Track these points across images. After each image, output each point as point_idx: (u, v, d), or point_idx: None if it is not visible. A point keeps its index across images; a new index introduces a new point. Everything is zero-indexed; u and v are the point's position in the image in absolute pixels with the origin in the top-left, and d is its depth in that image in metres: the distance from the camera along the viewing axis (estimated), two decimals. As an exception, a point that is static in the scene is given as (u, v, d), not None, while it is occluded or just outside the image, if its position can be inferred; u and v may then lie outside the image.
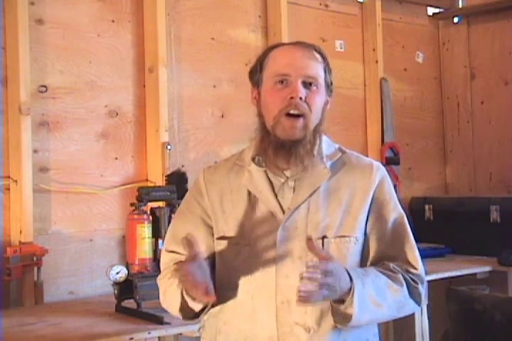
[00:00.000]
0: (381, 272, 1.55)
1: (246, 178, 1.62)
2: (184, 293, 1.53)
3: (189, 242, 1.45)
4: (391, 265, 1.58)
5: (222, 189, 1.65)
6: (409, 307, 1.60)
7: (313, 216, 1.56)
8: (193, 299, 1.52)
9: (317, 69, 1.59)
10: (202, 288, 1.44)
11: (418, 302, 1.60)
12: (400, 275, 1.56)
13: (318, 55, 1.61)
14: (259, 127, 1.62)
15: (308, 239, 1.42)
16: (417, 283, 1.59)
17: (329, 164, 1.61)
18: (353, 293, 1.45)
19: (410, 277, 1.58)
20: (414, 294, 1.58)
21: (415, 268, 1.60)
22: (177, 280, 1.52)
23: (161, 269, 1.71)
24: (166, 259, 1.69)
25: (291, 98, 1.54)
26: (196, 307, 1.56)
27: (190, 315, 1.60)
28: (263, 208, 1.58)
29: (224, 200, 1.63)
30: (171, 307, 1.63)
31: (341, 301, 1.47)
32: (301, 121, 1.55)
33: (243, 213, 1.60)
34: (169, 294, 1.60)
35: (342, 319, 1.49)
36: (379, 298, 1.51)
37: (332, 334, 1.53)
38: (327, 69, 1.62)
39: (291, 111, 1.54)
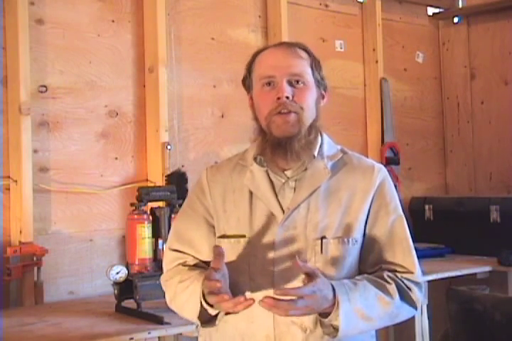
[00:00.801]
0: (373, 283, 1.54)
1: (248, 178, 1.62)
2: (203, 301, 1.49)
3: (220, 253, 1.44)
4: (385, 273, 1.57)
5: (224, 188, 1.65)
6: (404, 314, 1.58)
7: (312, 216, 1.57)
8: (211, 306, 1.49)
9: (302, 67, 1.59)
10: (235, 302, 1.40)
11: (414, 307, 1.59)
12: (393, 285, 1.55)
13: (302, 53, 1.61)
14: (257, 130, 1.63)
15: (293, 259, 1.43)
16: (411, 290, 1.57)
17: (330, 164, 1.61)
18: (337, 309, 1.45)
19: (405, 284, 1.57)
20: (408, 301, 1.57)
21: (411, 273, 1.59)
22: (197, 289, 1.50)
23: (164, 268, 1.70)
24: (169, 258, 1.69)
25: (278, 99, 1.55)
26: (213, 312, 1.53)
27: (206, 318, 1.57)
28: (263, 208, 1.59)
29: (226, 200, 1.64)
30: (185, 313, 1.61)
31: (328, 314, 1.46)
32: (292, 116, 1.56)
33: (244, 212, 1.60)
34: (182, 300, 1.58)
35: (332, 330, 1.49)
36: (368, 312, 1.50)
37: None
38: (314, 65, 1.62)
39: (281, 111, 1.55)
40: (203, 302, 1.49)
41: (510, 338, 2.37)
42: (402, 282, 1.57)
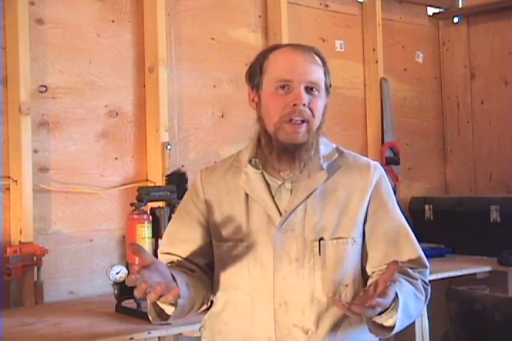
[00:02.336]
0: (407, 280, 1.53)
1: (243, 180, 1.61)
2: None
3: (137, 249, 1.37)
4: (409, 270, 1.56)
5: (219, 190, 1.64)
6: (422, 311, 1.60)
7: (310, 218, 1.56)
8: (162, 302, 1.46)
9: (319, 74, 1.58)
10: (160, 290, 1.32)
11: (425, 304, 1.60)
12: (420, 281, 1.55)
13: (318, 59, 1.60)
14: (261, 131, 1.61)
15: (330, 298, 1.43)
16: (427, 284, 1.58)
17: (326, 165, 1.61)
18: (396, 308, 1.42)
19: (422, 279, 1.58)
20: (425, 298, 1.58)
21: (426, 267, 1.60)
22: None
23: None
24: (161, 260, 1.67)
25: (295, 105, 1.53)
26: (169, 310, 1.50)
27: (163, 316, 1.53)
28: (260, 210, 1.58)
29: (221, 202, 1.63)
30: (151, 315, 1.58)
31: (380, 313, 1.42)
32: (304, 126, 1.55)
33: (240, 215, 1.59)
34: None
35: (381, 330, 1.47)
36: (411, 309, 1.48)
37: (330, 335, 1.53)
38: (327, 72, 1.61)
39: (295, 118, 1.53)
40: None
41: (510, 338, 2.37)
42: (421, 279, 1.57)
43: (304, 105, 1.53)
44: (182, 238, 1.65)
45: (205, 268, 1.65)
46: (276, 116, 1.55)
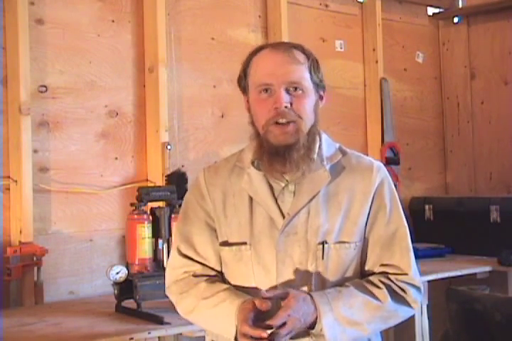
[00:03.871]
0: (360, 289, 1.53)
1: (245, 181, 1.60)
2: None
3: (266, 306, 1.44)
4: (376, 278, 1.57)
5: (224, 192, 1.63)
6: (400, 316, 1.58)
7: (313, 221, 1.55)
8: None
9: (300, 73, 1.55)
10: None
11: (411, 307, 1.58)
12: (384, 290, 1.54)
13: (301, 56, 1.57)
14: (254, 134, 1.61)
15: (264, 296, 1.44)
16: (405, 291, 1.57)
17: (329, 167, 1.59)
18: (320, 320, 1.46)
19: (399, 286, 1.56)
20: (403, 303, 1.56)
21: (405, 274, 1.58)
22: (231, 313, 1.49)
23: (170, 272, 1.66)
24: (178, 263, 1.65)
25: (276, 108, 1.52)
26: None
27: None
28: (263, 213, 1.57)
29: (226, 204, 1.62)
30: (213, 329, 1.60)
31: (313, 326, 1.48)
32: (291, 126, 1.53)
33: (244, 217, 1.58)
34: (208, 316, 1.57)
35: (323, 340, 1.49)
36: (355, 318, 1.50)
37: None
38: (313, 69, 1.58)
39: (279, 121, 1.53)
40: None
41: (510, 338, 2.36)
42: (396, 285, 1.57)
43: (286, 107, 1.52)
44: (194, 239, 1.63)
45: (221, 271, 1.65)
46: (262, 120, 1.55)
